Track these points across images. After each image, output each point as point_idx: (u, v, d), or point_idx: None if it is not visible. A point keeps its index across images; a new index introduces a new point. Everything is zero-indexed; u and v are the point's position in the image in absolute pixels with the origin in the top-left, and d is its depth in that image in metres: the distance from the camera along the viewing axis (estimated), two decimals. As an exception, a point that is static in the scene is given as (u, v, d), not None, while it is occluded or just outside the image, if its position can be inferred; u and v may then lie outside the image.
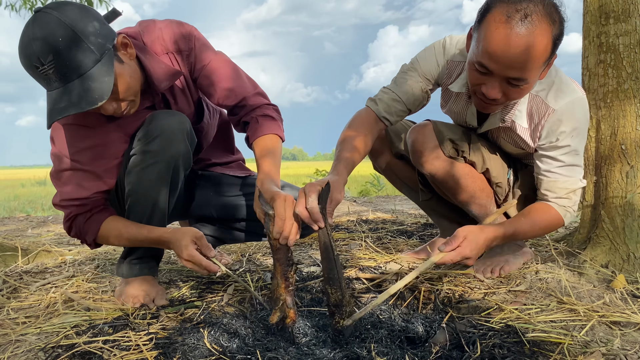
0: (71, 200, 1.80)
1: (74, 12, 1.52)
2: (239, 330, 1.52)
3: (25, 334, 1.57)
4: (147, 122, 1.78)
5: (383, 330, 1.50)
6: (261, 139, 1.85)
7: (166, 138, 1.75)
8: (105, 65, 1.55)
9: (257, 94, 1.93)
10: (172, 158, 1.78)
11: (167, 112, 1.81)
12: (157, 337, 1.50)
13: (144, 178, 1.77)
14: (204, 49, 1.87)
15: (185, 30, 1.85)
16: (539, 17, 1.52)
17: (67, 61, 1.50)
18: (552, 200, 1.87)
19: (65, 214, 1.84)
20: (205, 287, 2.03)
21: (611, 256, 1.96)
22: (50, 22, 1.48)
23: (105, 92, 1.54)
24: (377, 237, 2.91)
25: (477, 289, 1.83)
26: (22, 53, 1.51)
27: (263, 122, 1.88)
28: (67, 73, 1.51)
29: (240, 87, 1.90)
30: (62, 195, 1.81)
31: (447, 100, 2.04)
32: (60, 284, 2.09)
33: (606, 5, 2.01)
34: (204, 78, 1.88)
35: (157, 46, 1.82)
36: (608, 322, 1.51)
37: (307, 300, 1.83)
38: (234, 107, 1.92)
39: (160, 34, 1.82)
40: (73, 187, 1.79)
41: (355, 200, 5.72)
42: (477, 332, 1.47)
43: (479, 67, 1.63)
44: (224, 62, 1.90)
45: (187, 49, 1.85)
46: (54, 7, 1.51)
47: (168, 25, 1.84)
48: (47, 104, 1.55)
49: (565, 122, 1.77)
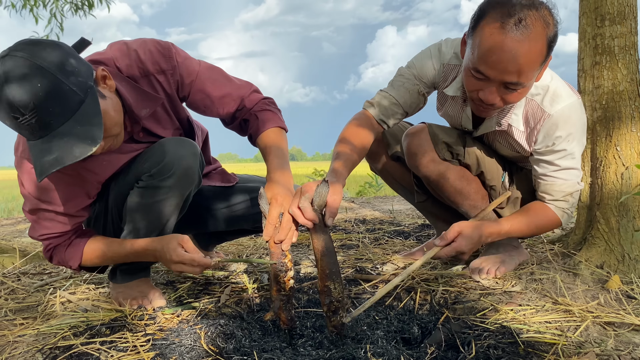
0: (49, 235, 1.75)
1: (47, 52, 1.36)
2: (236, 332, 1.52)
3: (22, 335, 1.58)
4: (158, 155, 1.68)
5: (379, 331, 1.51)
6: (265, 134, 1.80)
7: (184, 174, 1.70)
8: (91, 105, 1.43)
9: (252, 92, 1.87)
10: (187, 191, 1.77)
11: (177, 143, 1.71)
12: (154, 338, 1.51)
13: (156, 210, 1.73)
14: (187, 63, 1.76)
15: (162, 47, 1.72)
16: (533, 20, 1.53)
17: (50, 108, 1.35)
18: (549, 202, 1.89)
19: (44, 245, 1.78)
20: (202, 289, 2.03)
21: (606, 257, 1.97)
22: (23, 67, 1.32)
23: (97, 134, 1.41)
24: (375, 238, 2.92)
25: (473, 289, 1.84)
26: (3, 107, 1.33)
27: (263, 117, 1.83)
28: (51, 121, 1.36)
29: (236, 90, 1.84)
30: (38, 231, 1.74)
31: (443, 103, 2.05)
32: (58, 285, 2.10)
33: (602, 8, 2.02)
34: (197, 92, 1.79)
35: (134, 70, 1.68)
36: (602, 322, 1.52)
37: (303, 301, 1.84)
38: (235, 112, 1.86)
39: (136, 56, 1.68)
40: (50, 223, 1.73)
41: (354, 200, 5.73)
42: (472, 332, 1.48)
43: (475, 73, 1.64)
44: (211, 71, 1.82)
45: (170, 67, 1.73)
46: (23, 48, 1.35)
47: (142, 46, 1.70)
48: (33, 156, 1.39)
49: (561, 127, 1.78)
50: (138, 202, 1.73)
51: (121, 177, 1.79)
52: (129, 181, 1.76)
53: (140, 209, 1.74)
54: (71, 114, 1.39)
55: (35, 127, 1.36)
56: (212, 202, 2.17)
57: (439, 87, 2.01)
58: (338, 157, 1.81)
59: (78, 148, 1.38)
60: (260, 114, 1.84)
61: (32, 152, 1.40)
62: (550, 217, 1.89)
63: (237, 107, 1.85)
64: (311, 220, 1.42)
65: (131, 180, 1.75)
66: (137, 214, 1.76)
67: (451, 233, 1.69)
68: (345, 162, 1.79)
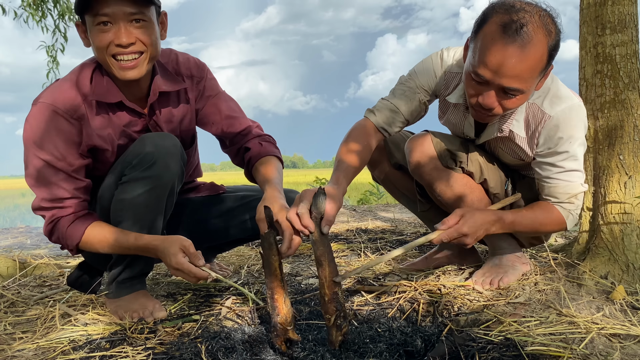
0: (52, 201, 1.75)
1: None
2: (237, 345, 1.51)
3: (22, 349, 1.57)
4: (139, 147, 1.74)
5: (382, 344, 1.50)
6: (266, 158, 1.96)
7: (164, 163, 1.73)
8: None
9: (257, 127, 2.07)
10: (169, 182, 1.77)
11: (158, 135, 1.79)
12: (154, 352, 1.50)
13: (141, 203, 1.74)
14: (214, 83, 2.01)
15: (199, 62, 1.97)
16: (535, 27, 1.54)
17: None
18: (554, 204, 1.87)
19: (46, 218, 1.78)
20: (203, 300, 2.02)
21: (610, 267, 1.95)
22: None
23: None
24: (376, 248, 2.90)
25: (476, 300, 1.83)
26: None
27: (267, 145, 2.01)
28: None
29: (244, 119, 2.04)
30: (42, 195, 1.75)
31: (445, 111, 2.05)
32: (57, 298, 2.09)
33: (602, 16, 2.01)
34: (211, 106, 1.99)
35: (170, 66, 1.91)
36: (608, 334, 1.50)
37: (305, 313, 1.82)
38: (236, 135, 2.02)
39: (175, 57, 1.93)
40: (52, 187, 1.74)
41: (355, 209, 5.71)
42: (476, 345, 1.46)
43: (475, 77, 1.64)
44: (231, 98, 2.06)
45: (199, 76, 1.96)
46: None
47: (183, 54, 1.96)
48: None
49: (562, 128, 1.77)
50: (122, 198, 1.75)
51: (107, 177, 1.83)
52: (114, 178, 1.79)
53: (125, 206, 1.75)
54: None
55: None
56: (202, 212, 2.20)
57: (440, 95, 2.01)
58: (339, 166, 1.81)
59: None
60: (264, 143, 2.02)
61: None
62: (556, 217, 1.87)
63: (239, 131, 2.01)
64: (307, 226, 1.43)
65: (116, 177, 1.79)
66: (122, 212, 1.76)
67: (454, 216, 1.66)
68: (345, 171, 1.79)
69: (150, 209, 1.77)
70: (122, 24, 1.63)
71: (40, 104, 1.71)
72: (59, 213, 1.77)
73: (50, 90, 1.74)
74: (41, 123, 1.70)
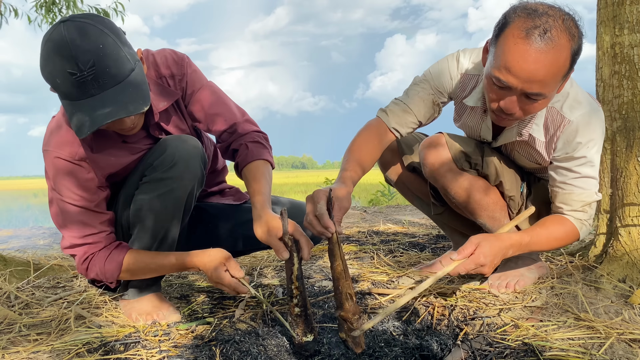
0: (82, 237, 1.74)
1: (107, 21, 1.53)
2: (251, 349, 1.50)
3: (37, 351, 1.57)
4: (161, 149, 1.74)
5: (397, 348, 1.48)
6: (253, 164, 1.86)
7: (184, 165, 1.72)
8: (140, 75, 1.56)
9: (246, 120, 1.95)
10: (189, 184, 1.76)
11: (178, 138, 1.78)
12: (168, 355, 1.49)
13: (159, 205, 1.73)
14: (195, 76, 1.88)
15: (177, 56, 1.86)
16: (558, 32, 1.50)
17: (108, 68, 1.47)
18: (567, 213, 1.84)
19: (79, 256, 1.76)
20: (216, 303, 2.01)
21: (628, 270, 1.92)
22: (88, 29, 1.46)
23: (146, 97, 1.54)
24: (389, 250, 2.88)
25: (492, 304, 1.80)
26: (55, 59, 1.45)
27: (253, 148, 1.89)
28: (106, 81, 1.47)
29: (230, 113, 1.92)
30: (71, 234, 1.75)
31: (461, 114, 2.02)
32: (72, 300, 2.09)
33: (620, 16, 1.99)
34: (194, 103, 1.89)
35: (151, 72, 1.82)
36: (627, 339, 1.47)
37: (319, 316, 1.81)
38: (223, 133, 1.93)
39: (153, 60, 1.82)
40: (78, 225, 1.74)
41: (366, 210, 5.69)
42: (493, 350, 1.44)
43: (496, 82, 1.61)
44: (214, 89, 1.92)
45: (180, 73, 1.85)
46: (86, 16, 1.50)
47: (160, 52, 1.85)
48: (82, 112, 1.49)
49: (581, 133, 1.74)
50: (142, 199, 1.75)
51: (128, 180, 1.83)
52: (135, 181, 1.79)
53: (145, 206, 1.74)
54: (123, 78, 1.50)
55: (89, 85, 1.46)
56: (222, 220, 2.18)
57: (456, 97, 1.98)
58: (347, 165, 1.80)
59: (132, 105, 1.50)
60: (251, 145, 1.90)
61: (80, 109, 1.49)
62: (570, 229, 1.83)
63: (225, 129, 1.91)
64: (328, 227, 1.44)
65: (137, 179, 1.78)
66: (141, 212, 1.75)
67: (469, 245, 1.63)
68: (354, 170, 1.78)
69: (169, 211, 1.76)
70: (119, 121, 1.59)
71: (46, 152, 1.72)
72: (91, 249, 1.76)
73: (49, 137, 1.73)
74: (52, 170, 1.72)
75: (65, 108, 1.54)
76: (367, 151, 1.88)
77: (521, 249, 1.76)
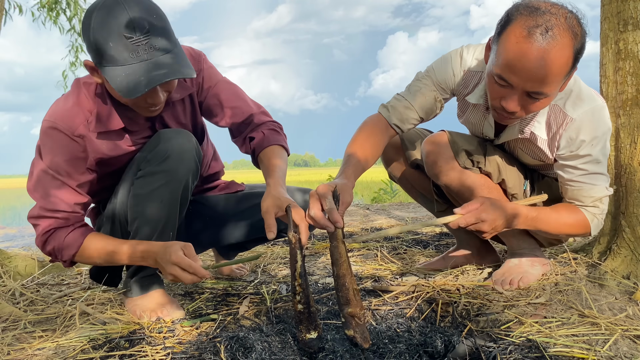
0: (53, 211, 1.73)
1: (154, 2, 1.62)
2: (256, 345, 1.50)
3: (42, 348, 1.58)
4: (154, 143, 1.76)
5: (401, 345, 1.48)
6: (269, 148, 1.92)
7: (178, 157, 1.74)
8: (181, 52, 1.63)
9: (261, 112, 2.01)
10: (184, 177, 1.77)
11: (173, 131, 1.80)
12: (173, 351, 1.50)
13: (156, 199, 1.74)
14: (211, 72, 1.94)
15: (195, 52, 1.92)
16: (561, 30, 1.49)
17: (160, 36, 1.56)
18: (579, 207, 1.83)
19: (41, 228, 1.74)
20: (220, 300, 2.02)
21: (633, 267, 1.92)
22: (142, 2, 1.55)
23: (191, 69, 1.60)
24: (392, 247, 2.88)
25: (496, 301, 1.80)
26: (110, 23, 1.50)
27: (269, 134, 1.96)
28: (158, 47, 1.55)
29: (247, 105, 1.99)
30: (43, 205, 1.72)
31: (464, 110, 2.02)
32: (76, 297, 2.10)
33: (624, 12, 1.98)
34: (212, 97, 1.95)
35: None
36: (632, 336, 1.47)
37: (322, 312, 1.81)
38: (240, 125, 1.98)
39: None
40: (53, 198, 1.72)
41: (369, 207, 5.69)
42: (497, 346, 1.44)
43: (498, 80, 1.60)
44: (230, 84, 1.99)
45: (197, 69, 1.89)
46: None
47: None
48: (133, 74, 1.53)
49: (585, 131, 1.73)
50: (138, 194, 1.76)
51: (125, 175, 1.84)
52: (131, 175, 1.80)
53: (141, 201, 1.75)
54: (172, 48, 1.59)
55: (142, 49, 1.53)
56: (220, 210, 2.20)
57: (459, 93, 1.98)
58: (348, 161, 1.79)
59: (184, 69, 1.58)
60: (267, 132, 1.97)
61: (133, 71, 1.53)
62: (580, 219, 1.81)
63: (242, 120, 1.97)
64: (336, 222, 1.43)
65: (133, 174, 1.80)
66: (138, 207, 1.76)
67: (475, 201, 1.61)
68: (355, 165, 1.78)
69: (165, 204, 1.77)
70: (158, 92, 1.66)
71: (45, 121, 1.72)
72: (56, 224, 1.74)
73: (54, 109, 1.74)
74: (47, 140, 1.71)
75: (108, 74, 1.56)
76: (368, 147, 1.87)
77: (527, 222, 1.73)
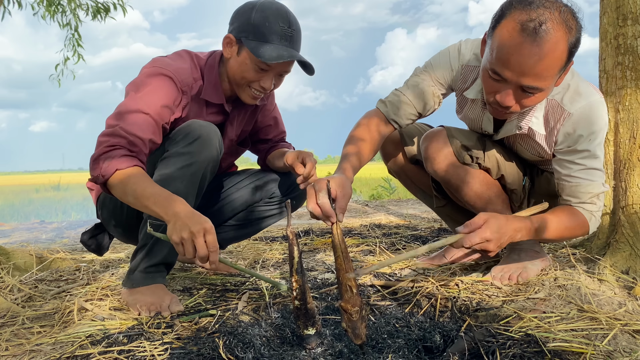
0: (129, 134, 1.74)
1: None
2: (254, 340, 1.50)
3: (40, 343, 1.57)
4: (185, 128, 1.89)
5: (400, 340, 1.48)
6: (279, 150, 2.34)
7: (204, 141, 1.86)
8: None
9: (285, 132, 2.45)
10: (204, 161, 1.87)
11: (203, 121, 1.93)
12: (172, 347, 1.49)
13: (177, 177, 1.83)
14: (273, 97, 2.34)
15: None
16: (555, 24, 1.48)
17: (299, 38, 2.00)
18: (576, 206, 1.81)
19: (109, 143, 1.73)
20: (219, 295, 2.02)
21: (632, 262, 1.92)
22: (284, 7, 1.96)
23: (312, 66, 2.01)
24: (391, 243, 2.88)
25: (495, 296, 1.80)
26: (274, 13, 1.92)
27: (281, 145, 2.40)
28: (295, 43, 1.97)
29: (282, 126, 2.43)
30: (124, 126, 1.74)
31: (463, 106, 2.02)
32: (75, 292, 2.09)
33: (624, 7, 1.97)
34: (270, 118, 2.35)
35: None
36: (631, 330, 1.47)
37: (321, 308, 1.81)
38: (270, 141, 2.40)
39: None
40: (136, 126, 1.76)
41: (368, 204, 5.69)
42: (496, 341, 1.44)
43: (492, 75, 1.60)
44: (274, 103, 2.38)
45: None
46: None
47: None
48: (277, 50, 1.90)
49: (582, 125, 1.73)
50: (160, 174, 1.85)
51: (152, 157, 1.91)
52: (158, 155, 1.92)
53: (162, 180, 1.81)
54: (299, 49, 2.00)
55: (286, 39, 1.94)
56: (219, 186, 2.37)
57: (457, 89, 1.97)
58: (346, 156, 1.80)
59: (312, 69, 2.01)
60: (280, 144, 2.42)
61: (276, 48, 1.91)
62: (580, 221, 1.80)
63: (273, 137, 2.40)
64: (329, 216, 1.45)
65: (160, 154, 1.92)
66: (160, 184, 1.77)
67: (477, 219, 1.55)
68: (352, 161, 1.78)
69: (185, 185, 1.84)
70: (275, 75, 2.00)
71: (155, 67, 1.90)
72: (126, 144, 1.74)
73: (164, 62, 1.94)
74: (152, 81, 1.87)
75: (251, 46, 1.91)
76: (365, 142, 1.87)
77: (530, 234, 1.71)
